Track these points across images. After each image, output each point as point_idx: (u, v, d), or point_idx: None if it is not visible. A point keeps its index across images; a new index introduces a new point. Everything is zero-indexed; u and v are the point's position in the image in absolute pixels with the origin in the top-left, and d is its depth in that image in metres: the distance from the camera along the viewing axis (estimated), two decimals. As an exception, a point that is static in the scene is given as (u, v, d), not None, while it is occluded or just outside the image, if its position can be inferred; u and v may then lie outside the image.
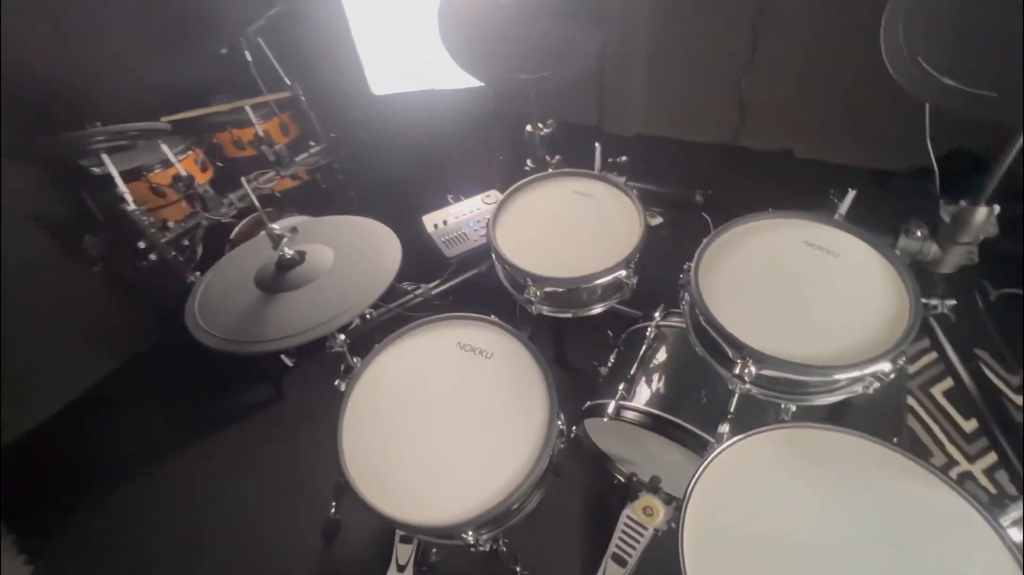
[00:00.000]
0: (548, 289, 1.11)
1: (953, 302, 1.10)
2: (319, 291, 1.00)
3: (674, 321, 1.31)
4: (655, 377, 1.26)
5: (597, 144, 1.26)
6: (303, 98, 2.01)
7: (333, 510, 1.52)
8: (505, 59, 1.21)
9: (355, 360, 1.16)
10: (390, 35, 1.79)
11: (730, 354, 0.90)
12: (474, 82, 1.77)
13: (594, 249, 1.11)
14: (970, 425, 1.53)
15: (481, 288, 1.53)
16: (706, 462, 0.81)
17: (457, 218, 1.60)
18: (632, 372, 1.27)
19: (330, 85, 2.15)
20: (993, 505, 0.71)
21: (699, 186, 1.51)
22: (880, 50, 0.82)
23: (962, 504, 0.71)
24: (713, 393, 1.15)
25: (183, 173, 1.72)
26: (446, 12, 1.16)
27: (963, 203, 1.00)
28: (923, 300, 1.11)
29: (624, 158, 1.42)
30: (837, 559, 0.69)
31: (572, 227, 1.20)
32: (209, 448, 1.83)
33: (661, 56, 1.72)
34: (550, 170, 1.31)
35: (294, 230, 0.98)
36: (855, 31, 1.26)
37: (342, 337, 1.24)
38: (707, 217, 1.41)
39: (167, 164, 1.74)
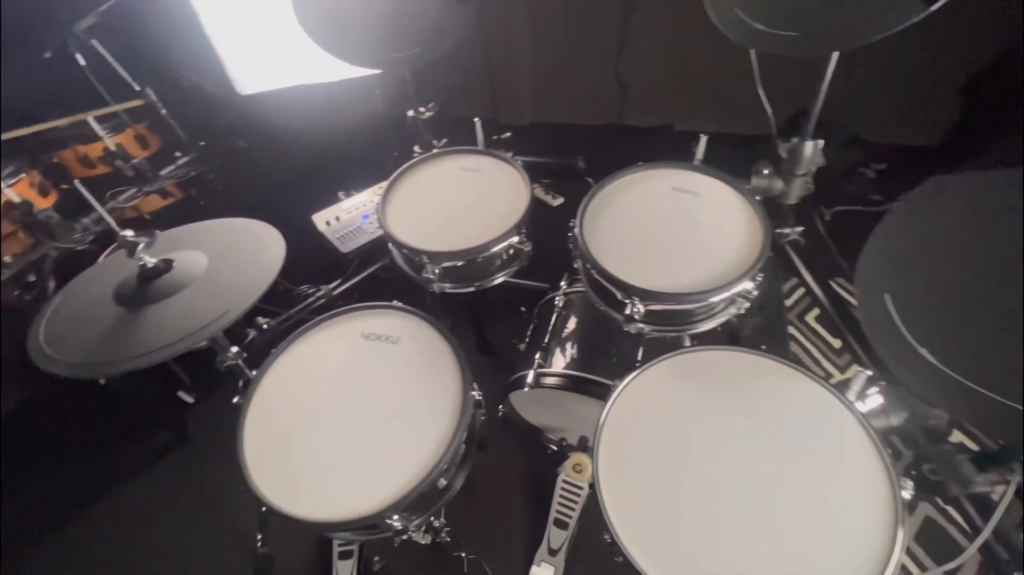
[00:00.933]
0: (446, 264, 1.10)
1: (801, 228, 1.27)
2: (192, 299, 0.91)
3: (579, 287, 1.37)
4: (568, 341, 1.30)
5: (476, 119, 1.27)
6: (160, 105, 1.82)
7: (260, 543, 1.40)
8: (373, 38, 1.18)
9: (254, 373, 1.08)
10: (247, 26, 1.67)
11: (619, 296, 0.96)
12: (352, 72, 1.72)
13: (486, 220, 1.12)
14: (837, 342, 1.77)
15: (390, 282, 1.50)
16: (609, 403, 0.85)
17: (349, 213, 1.54)
18: (546, 341, 1.31)
19: (191, 88, 1.97)
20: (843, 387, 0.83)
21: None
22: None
23: (819, 389, 0.82)
24: (622, 346, 1.22)
25: (16, 200, 1.49)
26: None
27: (794, 140, 1.14)
28: (778, 230, 1.28)
29: (508, 134, 1.46)
30: (732, 453, 0.77)
31: (462, 202, 1.20)
32: (111, 508, 1.61)
33: (543, 45, 1.78)
34: (434, 150, 1.30)
35: (152, 235, 0.89)
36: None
37: (234, 349, 1.15)
38: (591, 181, 1.49)
39: (-7, 191, 1.50)
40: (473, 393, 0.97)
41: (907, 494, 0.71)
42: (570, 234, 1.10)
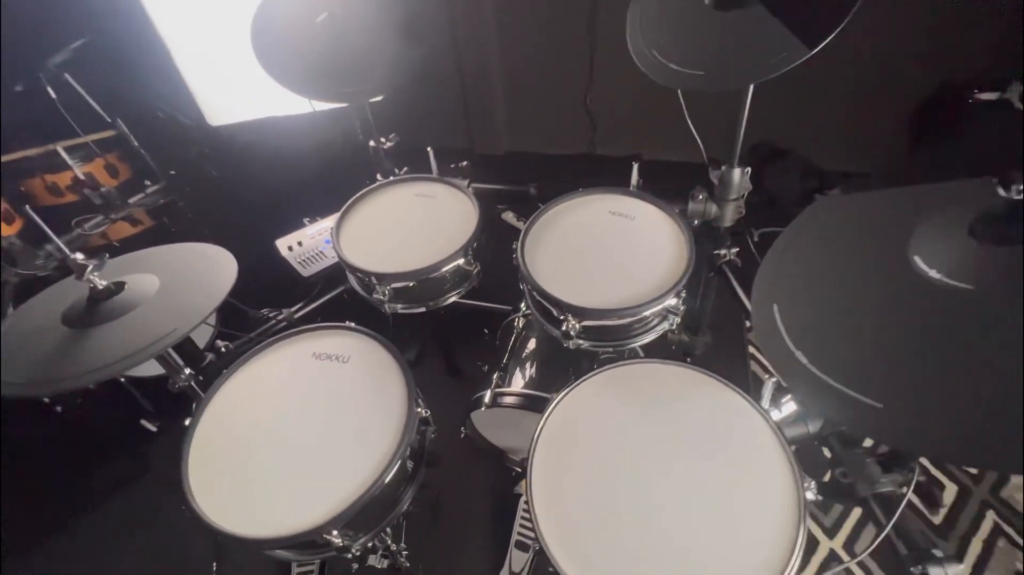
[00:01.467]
0: (395, 285, 1.15)
1: (736, 249, 1.35)
2: (141, 320, 0.94)
3: (538, 308, 1.41)
4: (527, 361, 1.35)
5: (429, 148, 1.34)
6: (131, 136, 1.87)
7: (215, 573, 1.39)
8: (327, 75, 1.26)
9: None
10: (216, 61, 1.75)
11: (555, 314, 1.01)
12: (319, 107, 1.80)
13: (435, 243, 1.18)
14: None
15: (352, 306, 1.53)
16: (543, 419, 0.89)
17: (312, 238, 1.59)
18: (505, 361, 1.35)
19: (165, 119, 2.03)
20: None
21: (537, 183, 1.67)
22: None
23: (736, 397, 0.87)
24: (579, 364, 1.26)
25: (-22, 227, 1.51)
26: (259, 31, 1.19)
27: (723, 167, 1.23)
28: (715, 251, 1.35)
29: (465, 163, 1.53)
30: (654, 458, 0.81)
31: (414, 227, 1.26)
32: (69, 542, 1.57)
33: (516, 79, 1.90)
34: (391, 178, 1.37)
35: (102, 257, 0.92)
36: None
37: (188, 371, 1.17)
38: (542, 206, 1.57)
39: (-45, 218, 1.52)
40: (420, 410, 1.00)
41: (811, 495, 0.76)
42: (514, 256, 1.16)
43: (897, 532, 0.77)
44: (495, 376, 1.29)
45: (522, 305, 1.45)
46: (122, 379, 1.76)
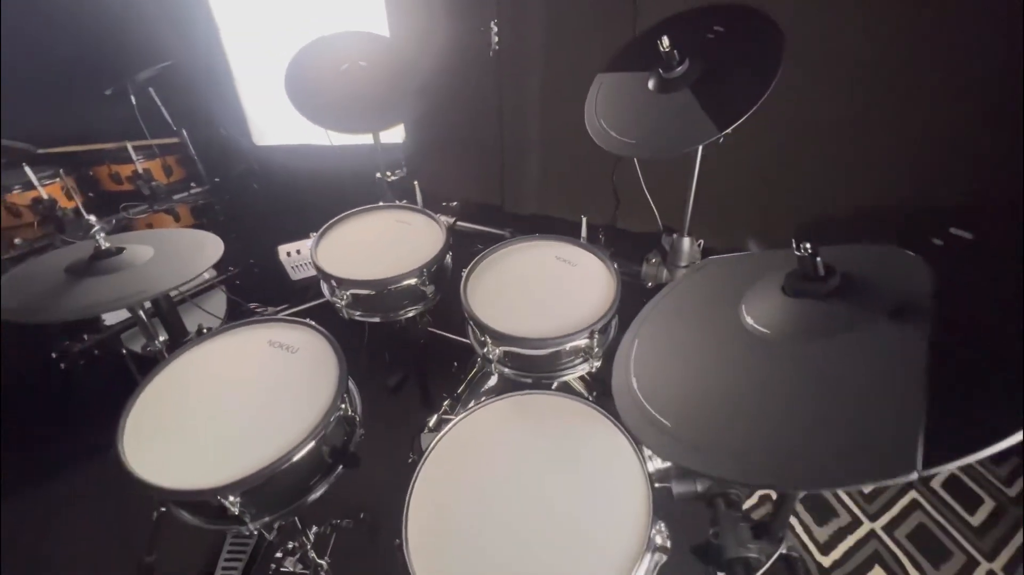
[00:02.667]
0: (354, 291, 1.27)
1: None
2: (129, 277, 1.10)
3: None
4: (481, 394, 1.40)
5: (416, 182, 1.51)
6: (190, 144, 2.18)
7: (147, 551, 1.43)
8: (345, 113, 1.48)
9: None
10: (268, 91, 2.06)
11: (480, 337, 1.10)
12: (349, 140, 2.05)
13: (399, 261, 1.30)
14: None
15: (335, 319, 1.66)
16: (441, 434, 0.95)
17: (309, 249, 1.76)
18: (460, 391, 1.43)
19: (224, 136, 2.36)
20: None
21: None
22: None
23: (620, 437, 0.91)
24: None
25: (44, 196, 1.78)
26: (293, 76, 1.44)
27: (675, 235, 1.32)
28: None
29: (455, 203, 1.70)
30: (528, 481, 0.86)
31: (385, 245, 1.40)
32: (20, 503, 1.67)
33: (551, 148, 2.08)
34: (380, 203, 1.54)
35: (109, 221, 1.10)
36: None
37: (163, 338, 1.30)
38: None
39: (29, 187, 1.81)
40: (345, 406, 1.07)
41: (660, 539, 0.78)
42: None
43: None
44: (446, 403, 1.35)
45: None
46: (124, 351, 1.94)
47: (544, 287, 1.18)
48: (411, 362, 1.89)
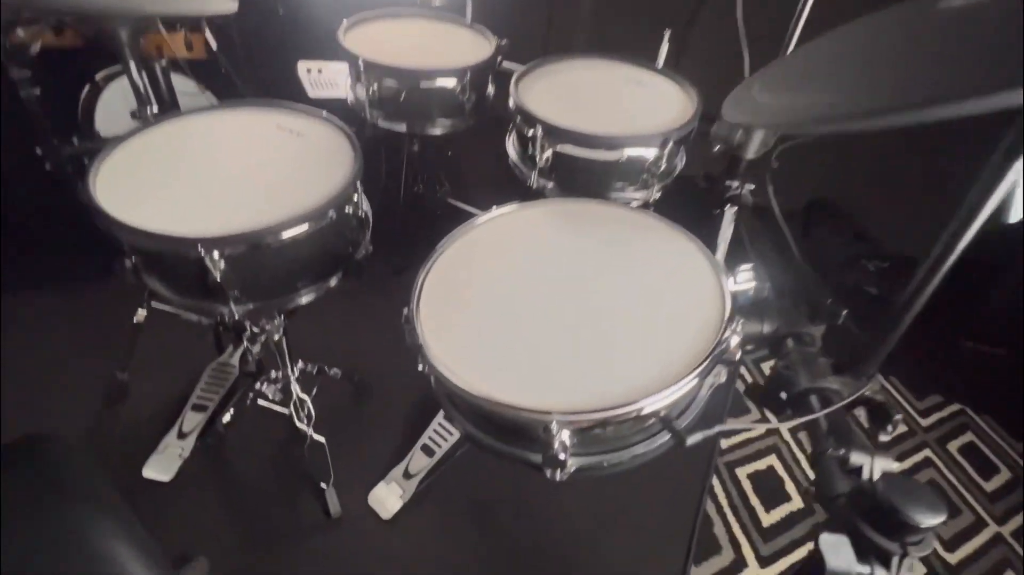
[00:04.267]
0: (383, 80, 1.09)
1: (752, 186, 1.22)
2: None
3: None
4: None
5: None
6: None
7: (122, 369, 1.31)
8: None
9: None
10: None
11: (527, 133, 0.92)
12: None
13: (438, 60, 1.11)
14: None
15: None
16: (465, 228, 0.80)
17: (335, 71, 1.56)
18: None
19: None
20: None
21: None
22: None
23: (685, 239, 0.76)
24: None
25: None
26: None
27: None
28: (727, 182, 1.23)
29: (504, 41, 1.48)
30: (577, 276, 0.71)
31: (424, 47, 1.23)
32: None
33: None
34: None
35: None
36: None
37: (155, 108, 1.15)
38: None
39: None
40: (356, 202, 0.92)
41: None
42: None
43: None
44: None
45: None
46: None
47: (608, 99, 1.01)
48: (423, 240, 1.72)
